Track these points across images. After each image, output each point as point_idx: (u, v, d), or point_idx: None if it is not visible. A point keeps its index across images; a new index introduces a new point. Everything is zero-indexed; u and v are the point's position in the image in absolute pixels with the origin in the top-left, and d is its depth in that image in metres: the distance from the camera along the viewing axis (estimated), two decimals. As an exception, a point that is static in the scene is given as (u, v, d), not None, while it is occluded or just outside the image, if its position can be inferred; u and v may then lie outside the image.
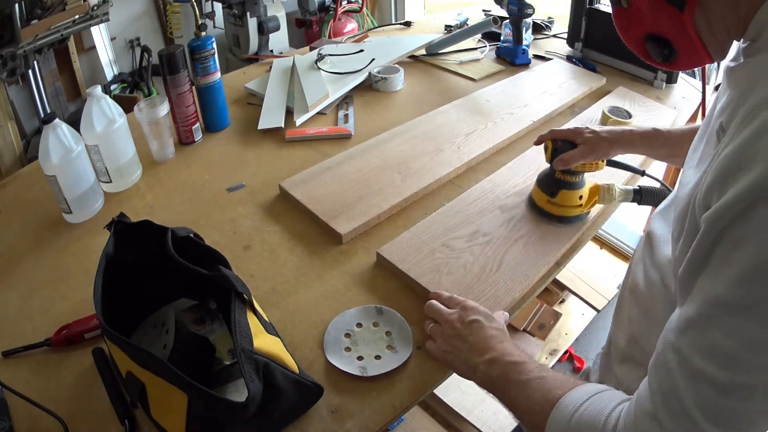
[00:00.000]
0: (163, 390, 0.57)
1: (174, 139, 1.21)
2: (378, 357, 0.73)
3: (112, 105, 1.03)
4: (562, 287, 1.97)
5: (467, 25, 1.78)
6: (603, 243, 2.18)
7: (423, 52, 1.66)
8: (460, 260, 0.86)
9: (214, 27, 2.79)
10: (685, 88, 1.43)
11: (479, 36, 1.76)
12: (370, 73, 1.46)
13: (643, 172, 0.99)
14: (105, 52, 2.57)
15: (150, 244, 0.69)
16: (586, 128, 0.92)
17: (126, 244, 0.71)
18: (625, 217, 2.21)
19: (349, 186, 1.03)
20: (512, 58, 1.59)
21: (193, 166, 1.16)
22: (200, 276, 0.64)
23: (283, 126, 1.27)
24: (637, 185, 0.94)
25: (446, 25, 1.81)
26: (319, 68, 1.47)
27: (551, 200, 0.94)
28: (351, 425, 0.66)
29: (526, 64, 1.59)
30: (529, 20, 1.55)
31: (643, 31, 0.59)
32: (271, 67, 1.53)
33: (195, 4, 1.25)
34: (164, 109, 1.11)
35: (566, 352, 1.78)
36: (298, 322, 0.79)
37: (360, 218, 0.95)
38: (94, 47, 2.52)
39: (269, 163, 1.16)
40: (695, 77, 1.48)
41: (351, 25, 2.90)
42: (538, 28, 1.83)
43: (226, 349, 0.71)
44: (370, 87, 1.47)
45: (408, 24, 1.95)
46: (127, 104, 1.46)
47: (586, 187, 0.94)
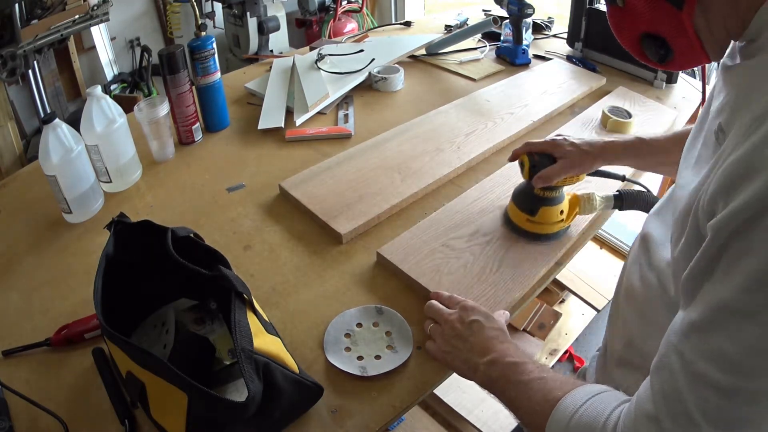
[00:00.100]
0: (163, 390, 0.57)
1: (174, 139, 1.21)
2: (378, 357, 0.73)
3: (112, 105, 1.03)
4: (562, 287, 1.97)
5: (467, 25, 1.78)
6: (603, 243, 2.18)
7: (423, 52, 1.66)
8: (461, 260, 0.87)
9: (214, 27, 2.79)
10: (685, 88, 1.43)
11: (479, 36, 1.76)
12: (370, 73, 1.46)
13: (623, 178, 0.95)
14: (105, 52, 2.57)
15: (150, 244, 0.69)
16: (564, 140, 0.87)
17: (126, 244, 0.71)
18: (625, 217, 2.21)
19: (349, 186, 1.03)
20: (512, 58, 1.59)
21: (193, 166, 1.16)
22: (200, 276, 0.64)
23: (283, 126, 1.27)
24: (616, 191, 0.90)
25: (446, 25, 1.81)
26: (319, 68, 1.47)
27: (531, 219, 0.89)
28: (351, 425, 0.66)
29: (526, 64, 1.59)
30: (529, 20, 1.55)
31: (639, 30, 0.58)
32: (271, 67, 1.53)
33: (195, 4, 1.25)
34: (164, 109, 1.11)
35: (566, 352, 1.79)
36: (298, 322, 0.79)
37: (360, 218, 0.95)
38: (94, 47, 2.52)
39: (269, 163, 1.16)
40: (695, 77, 1.48)
41: (351, 25, 2.90)
42: (538, 28, 1.83)
43: (226, 349, 0.71)
44: (370, 87, 1.47)
45: (408, 24, 1.95)
46: (127, 104, 1.46)
47: (566, 200, 0.89)
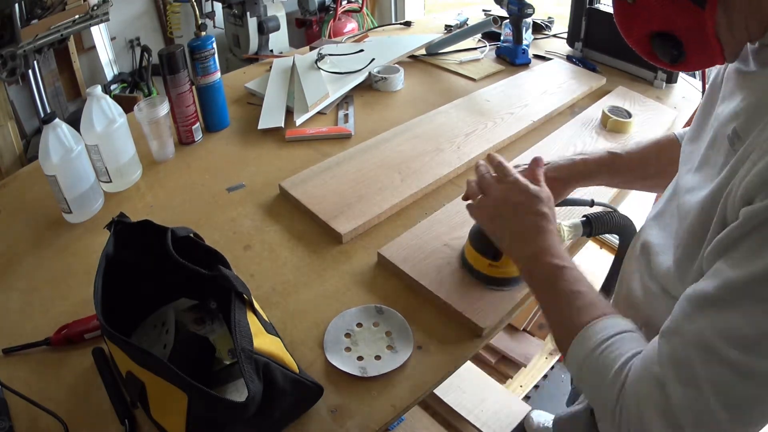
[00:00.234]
0: (163, 390, 0.57)
1: (174, 139, 1.21)
2: (378, 357, 0.73)
3: (112, 105, 1.03)
4: (562, 287, 1.97)
5: (467, 25, 1.78)
6: (603, 243, 2.18)
7: (423, 52, 1.66)
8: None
9: (214, 27, 2.79)
10: (685, 88, 1.43)
11: (479, 36, 1.76)
12: (370, 73, 1.46)
13: (591, 202, 0.85)
14: (105, 52, 2.57)
15: (150, 244, 0.69)
16: (524, 166, 0.77)
17: (126, 244, 0.71)
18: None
19: (349, 186, 1.03)
20: (512, 58, 1.59)
21: (193, 166, 1.16)
22: (200, 276, 0.64)
23: (283, 126, 1.27)
24: (583, 216, 0.81)
25: (446, 25, 1.81)
26: (319, 68, 1.47)
27: (494, 264, 0.79)
28: (351, 425, 0.66)
29: (526, 64, 1.58)
30: (529, 20, 1.55)
31: (651, 29, 0.55)
32: (271, 67, 1.53)
33: (195, 4, 1.25)
34: (164, 109, 1.11)
35: (566, 352, 1.79)
36: (298, 322, 0.79)
37: (360, 218, 0.95)
38: (94, 47, 2.52)
39: (269, 163, 1.16)
40: (695, 77, 1.48)
41: (351, 25, 2.90)
42: (538, 28, 1.83)
43: (226, 349, 0.71)
44: (370, 87, 1.47)
45: (408, 24, 1.95)
46: (127, 104, 1.46)
47: None
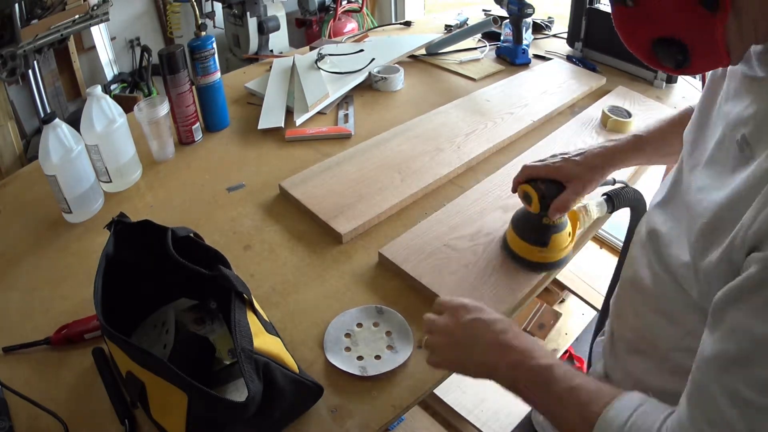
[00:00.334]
0: (163, 390, 0.57)
1: (174, 138, 1.21)
2: (378, 357, 0.73)
3: (112, 105, 1.03)
4: (562, 287, 1.97)
5: (467, 24, 1.78)
6: (603, 243, 2.18)
7: (423, 51, 1.66)
8: (463, 260, 0.86)
9: (214, 27, 2.79)
10: (685, 88, 1.43)
11: (479, 36, 1.76)
12: (370, 73, 1.46)
13: (613, 180, 0.88)
14: (105, 52, 2.57)
15: (150, 244, 0.69)
16: (565, 159, 0.80)
17: (126, 244, 0.71)
18: (625, 217, 2.20)
19: (349, 186, 1.03)
20: (512, 58, 1.59)
21: (193, 166, 1.16)
22: (200, 276, 0.64)
23: (283, 126, 1.27)
24: (603, 194, 0.85)
25: (446, 25, 1.80)
26: (319, 68, 1.47)
27: (543, 250, 0.83)
28: (351, 425, 0.66)
29: (526, 64, 1.58)
30: (529, 20, 1.55)
31: (655, 33, 0.53)
32: (271, 67, 1.53)
33: (195, 3, 1.25)
34: (164, 108, 1.11)
35: (566, 351, 1.78)
36: (298, 322, 0.79)
37: (360, 218, 0.95)
38: (94, 47, 2.52)
39: (269, 163, 1.16)
40: (696, 77, 1.48)
41: (351, 25, 2.90)
42: (538, 28, 1.82)
43: (226, 349, 0.71)
44: (370, 87, 1.47)
45: (408, 24, 1.95)
46: (127, 104, 1.46)
47: (568, 218, 0.85)
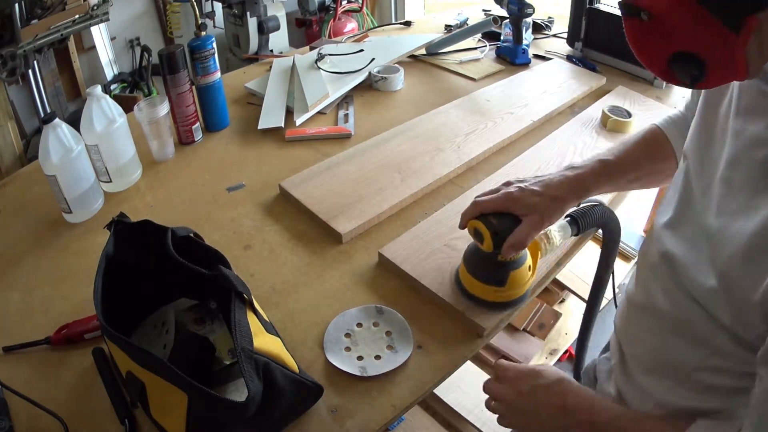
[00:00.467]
0: (163, 390, 0.57)
1: (174, 138, 1.21)
2: (378, 357, 0.73)
3: (112, 105, 1.03)
4: (562, 287, 1.97)
5: (467, 24, 1.78)
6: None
7: (423, 51, 1.66)
8: (461, 260, 0.86)
9: (214, 27, 2.79)
10: (684, 88, 1.43)
11: (479, 36, 1.76)
12: (370, 73, 1.46)
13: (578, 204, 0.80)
14: (105, 52, 2.57)
15: (150, 244, 0.69)
16: (520, 189, 0.72)
17: (126, 244, 0.71)
18: (625, 217, 2.21)
19: (349, 186, 1.03)
20: (512, 58, 1.59)
21: (193, 165, 1.16)
22: (200, 276, 0.64)
23: (283, 126, 1.27)
24: (566, 215, 0.77)
25: (446, 25, 1.80)
26: (319, 68, 1.47)
27: (500, 290, 0.74)
28: (351, 425, 0.66)
29: (526, 64, 1.58)
30: (529, 20, 1.55)
31: (672, 49, 0.52)
32: (271, 67, 1.53)
33: (195, 3, 1.25)
34: (164, 108, 1.11)
35: (566, 351, 1.79)
36: (298, 321, 0.79)
37: (360, 218, 0.95)
38: (94, 47, 2.52)
39: (269, 163, 1.16)
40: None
41: (351, 25, 2.90)
42: (538, 28, 1.83)
43: (226, 348, 0.71)
44: (370, 87, 1.47)
45: (408, 24, 1.95)
46: (127, 104, 1.46)
47: (527, 251, 0.75)
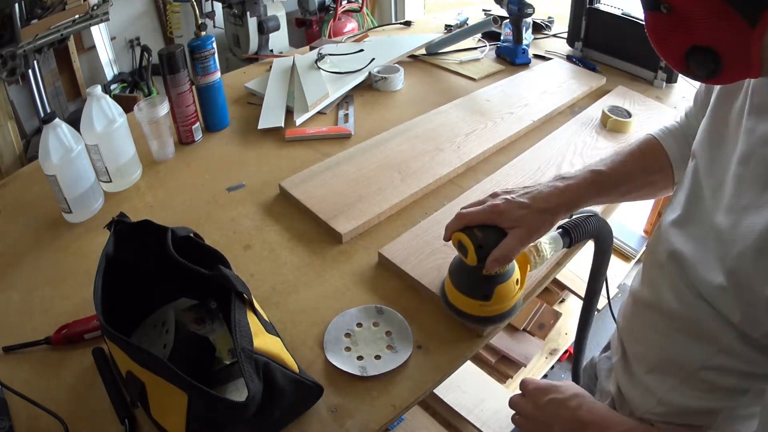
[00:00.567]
0: (163, 390, 0.57)
1: (174, 138, 1.21)
2: (378, 357, 0.73)
3: (112, 105, 1.03)
4: (562, 287, 1.97)
5: (467, 24, 1.78)
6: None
7: (423, 51, 1.66)
8: (461, 260, 0.86)
9: (214, 27, 2.79)
10: (685, 88, 1.43)
11: (479, 36, 1.76)
12: (370, 73, 1.46)
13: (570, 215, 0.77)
14: (105, 52, 2.58)
15: (150, 244, 0.69)
16: (507, 200, 0.70)
17: (126, 244, 0.71)
18: (625, 217, 2.21)
19: (349, 186, 1.03)
20: (512, 58, 1.59)
21: (193, 165, 1.16)
22: (200, 276, 0.64)
23: (283, 126, 1.27)
24: (558, 227, 0.74)
25: (446, 25, 1.80)
26: (319, 68, 1.47)
27: (485, 304, 0.71)
28: (351, 425, 0.66)
29: (526, 64, 1.58)
30: (529, 20, 1.55)
31: (690, 42, 0.52)
32: (271, 67, 1.53)
33: (195, 3, 1.25)
34: (164, 108, 1.11)
35: (566, 351, 1.79)
36: (298, 321, 0.79)
37: (360, 218, 0.95)
38: (94, 47, 2.52)
39: (269, 163, 1.16)
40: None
41: (351, 25, 2.90)
42: (538, 28, 1.83)
43: (226, 348, 0.71)
44: (370, 87, 1.47)
45: (408, 24, 1.95)
46: (127, 104, 1.46)
47: (515, 264, 0.72)
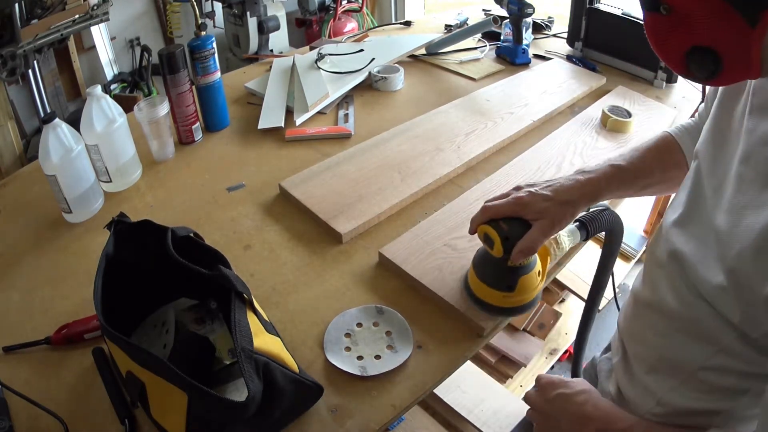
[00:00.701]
0: (163, 390, 0.57)
1: (174, 138, 1.21)
2: (378, 357, 0.73)
3: (112, 105, 1.03)
4: (562, 287, 1.97)
5: (467, 24, 1.78)
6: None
7: (423, 51, 1.66)
8: (463, 260, 0.86)
9: (214, 26, 2.79)
10: (684, 88, 1.43)
11: (479, 36, 1.76)
12: (370, 73, 1.46)
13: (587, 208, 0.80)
14: (105, 52, 2.58)
15: (150, 244, 0.69)
16: (530, 193, 0.72)
17: (126, 244, 0.71)
18: (625, 217, 2.21)
19: (349, 186, 1.03)
20: (512, 58, 1.59)
21: (193, 165, 1.16)
22: (200, 276, 0.64)
23: (283, 126, 1.27)
24: (576, 220, 0.76)
25: (446, 25, 1.80)
26: (319, 68, 1.47)
27: (509, 295, 0.73)
28: (351, 425, 0.66)
29: (526, 64, 1.58)
30: (529, 20, 1.55)
31: (690, 43, 0.52)
32: (271, 67, 1.53)
33: (195, 3, 1.24)
34: (164, 108, 1.11)
35: (566, 351, 1.79)
36: (298, 321, 0.79)
37: (360, 218, 0.95)
38: (94, 47, 2.52)
39: (269, 163, 1.16)
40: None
41: (351, 25, 2.90)
42: (538, 28, 1.83)
43: (226, 348, 0.71)
44: (370, 86, 1.47)
45: (408, 23, 1.95)
46: (127, 104, 1.46)
47: (537, 255, 0.74)
